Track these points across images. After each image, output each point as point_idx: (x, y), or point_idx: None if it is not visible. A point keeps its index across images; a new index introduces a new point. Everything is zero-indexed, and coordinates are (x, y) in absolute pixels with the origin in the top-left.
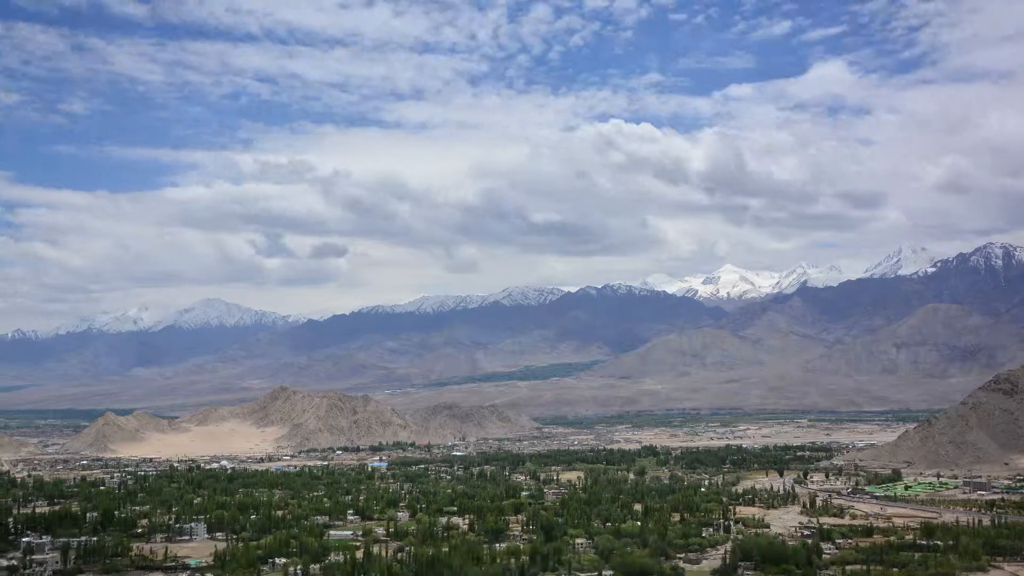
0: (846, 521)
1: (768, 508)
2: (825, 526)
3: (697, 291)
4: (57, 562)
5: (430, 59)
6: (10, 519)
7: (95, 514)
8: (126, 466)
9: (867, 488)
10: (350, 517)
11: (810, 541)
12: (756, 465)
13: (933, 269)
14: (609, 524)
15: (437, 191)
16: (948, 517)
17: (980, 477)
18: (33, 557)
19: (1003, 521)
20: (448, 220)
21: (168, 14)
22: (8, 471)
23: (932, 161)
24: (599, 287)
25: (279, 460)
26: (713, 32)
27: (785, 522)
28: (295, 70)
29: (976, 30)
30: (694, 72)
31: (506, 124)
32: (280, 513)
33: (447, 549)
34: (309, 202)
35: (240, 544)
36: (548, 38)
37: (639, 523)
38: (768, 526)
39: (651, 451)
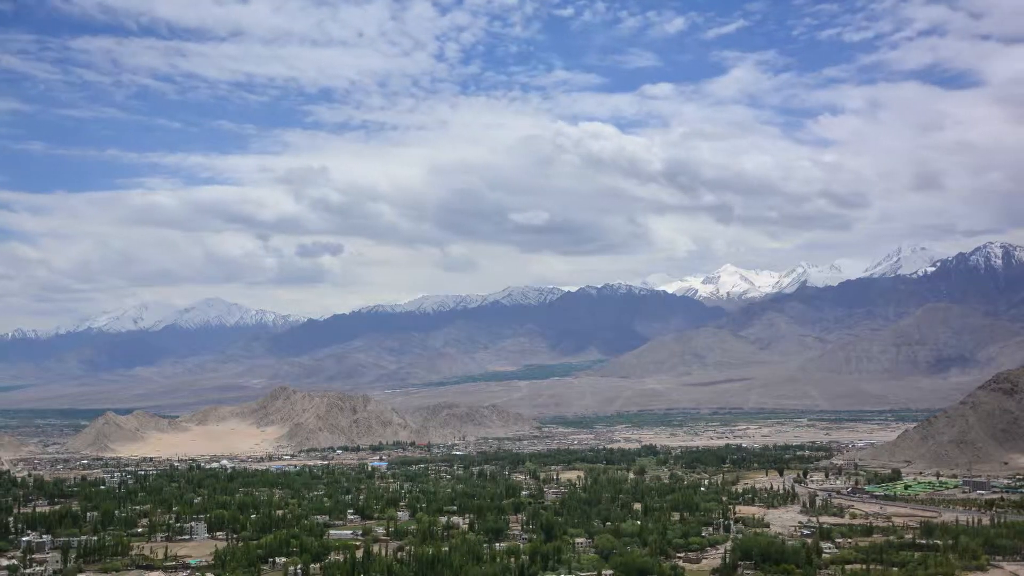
0: (846, 520)
1: (768, 507)
2: (825, 525)
3: (697, 291)
4: (57, 562)
5: (325, 56)
6: (10, 519)
7: (95, 514)
8: (126, 466)
9: (867, 487)
10: (350, 517)
11: (810, 540)
12: (756, 464)
13: (933, 269)
14: (609, 524)
15: (415, 191)
16: (948, 516)
17: (980, 476)
18: (33, 556)
19: (1002, 520)
20: (437, 220)
21: (36, 10)
22: (8, 470)
23: (906, 160)
24: (599, 287)
25: (279, 460)
26: (605, 29)
27: (785, 521)
28: (190, 68)
29: (879, 30)
30: (601, 70)
31: (430, 124)
32: (280, 513)
33: (447, 549)
34: (287, 202)
35: (240, 544)
36: (439, 35)
37: (639, 523)
38: (768, 525)
39: (651, 450)
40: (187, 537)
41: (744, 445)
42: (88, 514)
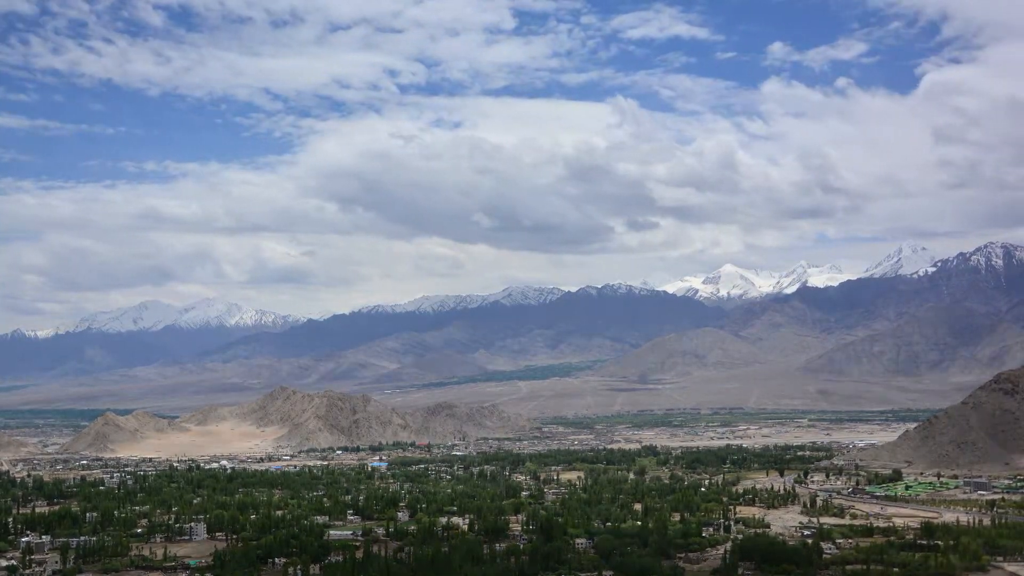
0: (846, 521)
1: (768, 508)
2: (825, 526)
3: (697, 291)
4: (57, 562)
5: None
6: (10, 519)
7: (95, 514)
8: (126, 466)
9: (867, 488)
10: (350, 517)
11: (810, 541)
12: (756, 465)
13: (933, 269)
14: (609, 524)
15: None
16: (948, 517)
17: (980, 477)
18: (33, 557)
19: (1003, 521)
20: (422, 221)
21: None
22: (8, 471)
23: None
24: (599, 287)
25: (279, 460)
26: (278, 25)
27: (785, 522)
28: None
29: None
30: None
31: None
32: (280, 513)
33: (447, 549)
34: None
35: (240, 544)
36: (72, 33)
37: (639, 523)
38: (768, 526)
39: (651, 451)
40: (187, 537)
41: (744, 445)
42: (87, 514)
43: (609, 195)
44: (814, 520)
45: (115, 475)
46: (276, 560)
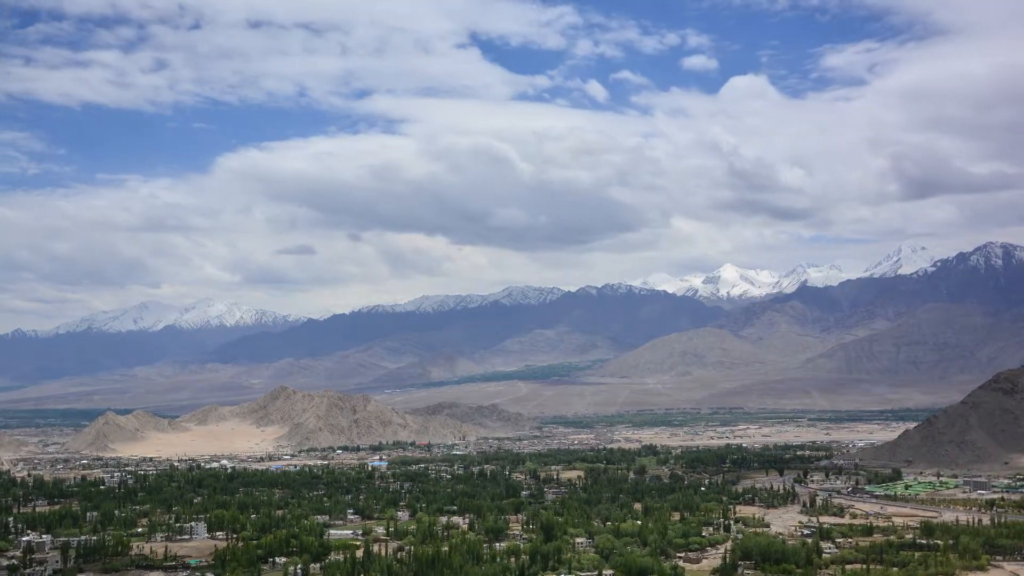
0: (846, 520)
1: (768, 507)
2: (825, 525)
3: (697, 291)
4: (57, 561)
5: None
6: (10, 518)
7: (95, 513)
8: (126, 465)
9: (867, 487)
10: (350, 516)
11: (810, 540)
12: (756, 465)
13: (933, 269)
14: (609, 524)
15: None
16: (948, 516)
17: (980, 476)
18: (33, 556)
19: (1003, 520)
20: (424, 222)
21: None
22: (8, 470)
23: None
24: (599, 287)
25: (279, 459)
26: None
27: (785, 521)
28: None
29: None
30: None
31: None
32: (280, 513)
33: (447, 549)
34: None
35: (240, 543)
36: None
37: (639, 523)
38: (768, 525)
39: (651, 450)
40: (187, 537)
41: (744, 445)
42: (88, 514)
43: (563, 195)
44: (814, 520)
45: (115, 474)
46: (276, 560)
